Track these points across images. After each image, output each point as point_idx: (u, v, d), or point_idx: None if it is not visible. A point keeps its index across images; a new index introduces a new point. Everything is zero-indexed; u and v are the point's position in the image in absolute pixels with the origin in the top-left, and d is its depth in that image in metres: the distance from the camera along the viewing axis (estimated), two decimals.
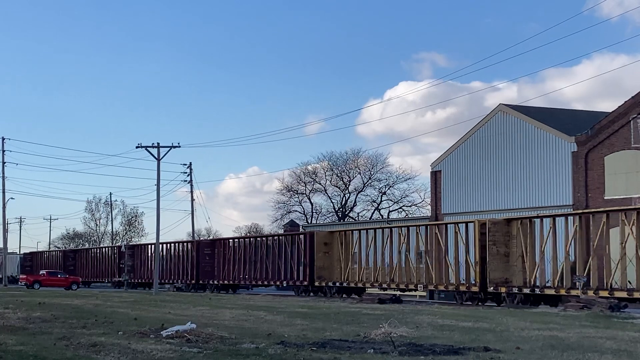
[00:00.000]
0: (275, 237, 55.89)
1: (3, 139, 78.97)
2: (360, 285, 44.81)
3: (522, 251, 35.13)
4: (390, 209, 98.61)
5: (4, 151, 78.78)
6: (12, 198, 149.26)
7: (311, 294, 47.95)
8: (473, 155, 53.95)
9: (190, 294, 51.83)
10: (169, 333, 17.06)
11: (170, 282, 64.27)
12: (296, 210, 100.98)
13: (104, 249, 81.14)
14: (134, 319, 23.02)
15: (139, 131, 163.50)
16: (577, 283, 31.98)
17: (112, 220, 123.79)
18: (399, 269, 42.21)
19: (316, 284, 47.37)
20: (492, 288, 35.32)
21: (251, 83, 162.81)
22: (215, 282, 58.16)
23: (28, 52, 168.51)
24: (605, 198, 44.08)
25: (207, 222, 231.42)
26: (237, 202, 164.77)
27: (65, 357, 14.14)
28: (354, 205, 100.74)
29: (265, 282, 54.03)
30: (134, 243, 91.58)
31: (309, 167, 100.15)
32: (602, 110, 60.12)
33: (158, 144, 55.73)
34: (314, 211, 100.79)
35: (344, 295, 44.94)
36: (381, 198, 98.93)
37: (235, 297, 46.14)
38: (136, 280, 69.14)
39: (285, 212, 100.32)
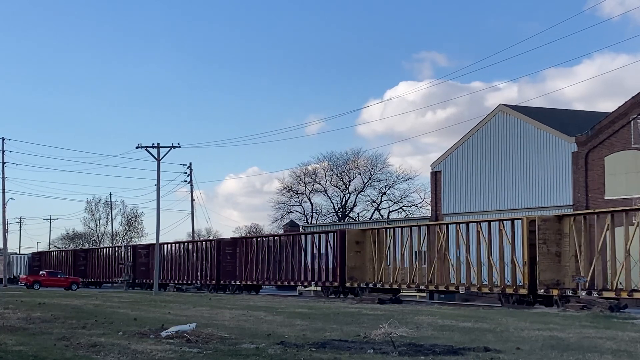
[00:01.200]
0: (302, 235, 52.72)
1: (3, 139, 79.10)
2: (395, 286, 42.01)
3: (575, 250, 32.98)
4: (390, 209, 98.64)
5: (4, 151, 78.91)
6: (12, 198, 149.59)
7: (341, 295, 45.05)
8: (473, 155, 53.94)
9: (190, 294, 51.81)
10: (169, 333, 17.07)
11: (189, 282, 62.00)
12: (296, 211, 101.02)
13: (116, 249, 77.75)
14: (133, 319, 23.02)
15: (139, 131, 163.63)
16: (577, 283, 31.99)
17: (112, 221, 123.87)
18: (437, 270, 39.40)
19: (347, 285, 44.67)
20: (542, 290, 33.22)
21: (251, 83, 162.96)
22: (237, 283, 55.81)
23: (28, 52, 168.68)
24: (605, 198, 44.07)
25: (207, 222, 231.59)
26: (237, 202, 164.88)
27: (65, 357, 14.14)
28: (354, 206, 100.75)
29: (292, 283, 51.37)
30: (149, 242, 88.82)
31: (309, 167, 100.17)
32: (603, 110, 60.16)
33: (158, 144, 55.80)
34: (314, 211, 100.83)
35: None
36: (381, 198, 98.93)
37: (235, 297, 46.15)
38: (150, 281, 64.88)
39: (285, 212, 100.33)
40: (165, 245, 66.98)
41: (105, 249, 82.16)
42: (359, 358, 13.66)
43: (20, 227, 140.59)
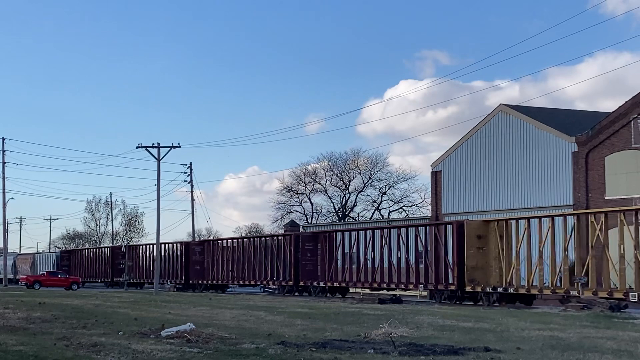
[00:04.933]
0: (413, 227, 43.64)
1: (3, 139, 79.02)
2: (534, 291, 34.58)
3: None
4: (391, 209, 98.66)
5: (4, 151, 78.83)
6: (12, 198, 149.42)
7: (457, 302, 37.78)
8: (473, 155, 53.94)
9: (190, 294, 51.76)
10: (169, 333, 17.06)
11: (255, 284, 56.09)
12: (296, 211, 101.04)
13: (167, 245, 67.13)
14: (134, 319, 23.02)
15: (139, 131, 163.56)
16: (577, 283, 31.98)
17: (112, 220, 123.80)
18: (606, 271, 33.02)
19: (468, 288, 37.15)
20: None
21: (251, 83, 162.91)
22: (321, 284, 47.93)
23: (28, 51, 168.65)
24: (605, 198, 44.07)
25: (207, 222, 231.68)
26: (237, 202, 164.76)
27: (66, 357, 14.13)
28: (354, 206, 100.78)
29: (391, 286, 43.15)
30: (205, 239, 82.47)
31: (309, 167, 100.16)
32: (605, 109, 60.20)
33: (158, 144, 55.76)
34: (314, 211, 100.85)
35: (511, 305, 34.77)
36: (381, 198, 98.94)
37: (235, 297, 46.07)
38: (207, 282, 59.87)
39: (285, 212, 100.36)
40: (219, 242, 61.66)
41: (147, 247, 72.49)
42: (359, 358, 13.65)
43: (20, 227, 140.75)
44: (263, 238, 57.84)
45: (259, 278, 54.73)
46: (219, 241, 62.46)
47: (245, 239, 60.34)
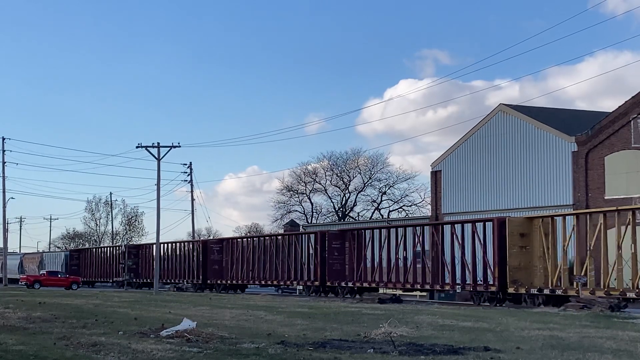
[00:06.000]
0: (449, 225, 41.19)
1: (3, 139, 79.04)
2: (585, 293, 31.29)
3: None
4: (391, 208, 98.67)
5: (4, 151, 78.87)
6: (12, 198, 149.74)
7: (497, 304, 35.37)
8: (473, 155, 53.96)
9: (190, 294, 51.76)
10: (169, 333, 17.07)
11: (273, 284, 53.89)
12: (296, 210, 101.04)
13: (185, 244, 66.09)
14: (134, 318, 23.03)
15: (139, 131, 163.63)
16: (576, 283, 31.97)
17: (112, 220, 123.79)
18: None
19: (510, 290, 34.81)
20: None
21: (251, 83, 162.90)
22: (346, 284, 46.14)
23: (28, 51, 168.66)
24: (605, 198, 44.08)
25: (207, 221, 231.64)
26: (236, 201, 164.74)
27: (65, 356, 14.14)
28: (354, 205, 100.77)
29: (440, 287, 40.50)
30: (223, 237, 79.95)
31: (309, 167, 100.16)
32: (606, 108, 60.24)
33: (158, 143, 55.83)
34: (314, 211, 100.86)
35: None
36: (381, 198, 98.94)
37: (235, 296, 46.08)
38: (226, 282, 57.91)
39: (285, 212, 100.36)
40: (238, 240, 59.91)
41: (161, 245, 69.45)
42: (359, 358, 13.65)
43: (20, 226, 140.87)
44: (287, 236, 55.33)
45: (281, 278, 52.62)
46: (239, 239, 60.60)
47: (267, 237, 57.94)
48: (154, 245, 68.84)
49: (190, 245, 63.76)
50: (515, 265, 34.90)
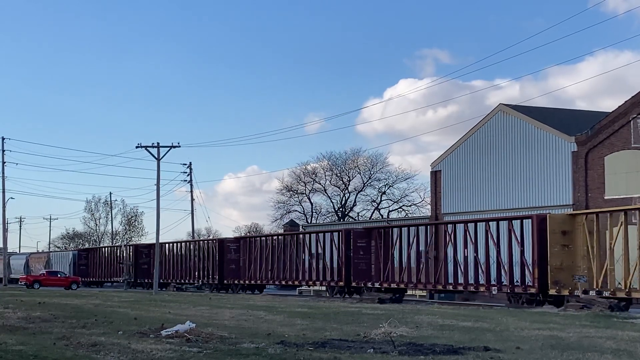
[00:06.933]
0: (483, 222, 38.84)
1: (3, 138, 79.04)
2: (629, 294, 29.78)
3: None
4: (390, 208, 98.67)
5: (4, 151, 78.86)
6: (12, 198, 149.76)
7: (536, 305, 33.17)
8: (473, 155, 53.95)
9: (190, 294, 51.75)
10: (169, 333, 17.07)
11: (305, 284, 51.60)
12: (296, 210, 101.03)
13: (201, 243, 64.58)
14: (133, 318, 23.03)
15: (139, 131, 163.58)
16: (577, 283, 31.96)
17: (112, 220, 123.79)
18: None
19: (552, 292, 32.74)
20: None
21: (251, 82, 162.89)
22: (375, 285, 43.61)
23: (28, 51, 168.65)
24: (605, 198, 44.07)
25: (207, 221, 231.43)
26: (236, 201, 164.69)
27: (65, 356, 14.14)
28: (353, 205, 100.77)
29: (474, 288, 38.10)
30: (244, 235, 78.16)
31: (309, 167, 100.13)
32: (606, 108, 60.25)
33: (158, 143, 55.81)
34: (313, 211, 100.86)
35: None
36: (381, 198, 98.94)
37: (235, 296, 46.08)
38: (244, 282, 55.98)
39: (285, 211, 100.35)
40: (256, 239, 57.96)
41: (173, 245, 68.90)
42: (358, 357, 13.65)
43: (20, 226, 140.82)
44: (307, 234, 53.24)
45: (302, 278, 50.67)
46: (257, 238, 58.72)
47: (287, 235, 55.81)
48: (166, 245, 68.81)
49: (206, 244, 61.97)
50: (556, 265, 32.70)
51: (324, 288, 49.60)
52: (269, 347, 14.99)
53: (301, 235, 53.90)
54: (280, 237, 56.29)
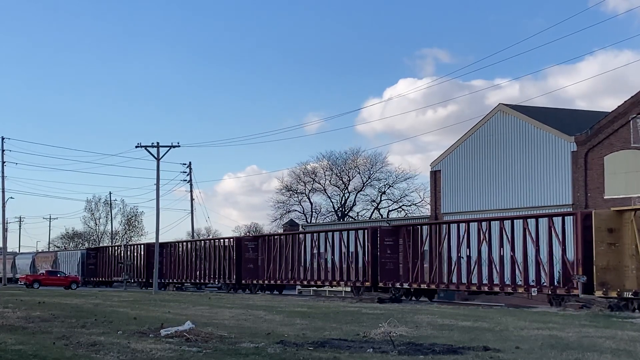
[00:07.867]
0: (520, 220, 36.54)
1: (3, 138, 79.10)
2: None
3: None
4: (390, 208, 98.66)
5: (3, 151, 78.90)
6: (11, 197, 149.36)
7: (583, 308, 29.96)
8: (472, 155, 53.94)
9: (190, 294, 51.70)
10: (168, 332, 17.07)
11: (329, 284, 49.21)
12: (295, 210, 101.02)
13: (217, 241, 62.07)
14: (133, 318, 23.03)
15: (139, 131, 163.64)
16: (577, 282, 31.93)
17: (111, 220, 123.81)
18: None
19: (598, 294, 30.45)
20: None
21: (251, 82, 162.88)
22: (401, 285, 41.82)
23: (28, 51, 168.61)
24: (605, 198, 44.07)
25: (207, 221, 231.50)
26: (236, 201, 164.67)
27: (65, 356, 14.14)
28: (353, 205, 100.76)
29: (512, 289, 35.84)
30: (262, 233, 76.31)
31: (309, 167, 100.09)
32: (606, 107, 60.24)
33: (158, 143, 55.84)
34: (313, 211, 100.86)
35: None
36: (381, 197, 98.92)
37: (234, 296, 46.07)
38: (263, 282, 53.64)
39: (284, 211, 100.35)
40: (275, 237, 55.87)
41: (185, 244, 67.27)
42: (358, 357, 13.66)
43: (20, 226, 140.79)
44: (331, 232, 50.78)
45: (325, 278, 48.67)
46: (276, 236, 56.55)
47: (308, 234, 53.74)
48: (181, 244, 67.52)
49: (223, 243, 59.93)
50: (602, 266, 30.48)
51: (348, 289, 47.62)
52: (268, 346, 14.99)
53: (322, 234, 51.40)
54: (300, 235, 54.09)
